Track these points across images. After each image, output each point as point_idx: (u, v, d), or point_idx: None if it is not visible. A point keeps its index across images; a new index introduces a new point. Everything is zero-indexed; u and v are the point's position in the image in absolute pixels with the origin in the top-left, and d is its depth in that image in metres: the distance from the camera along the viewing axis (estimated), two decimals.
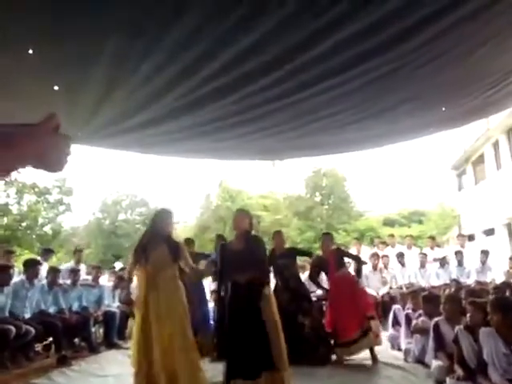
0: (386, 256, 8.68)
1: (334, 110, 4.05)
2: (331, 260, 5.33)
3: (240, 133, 4.43)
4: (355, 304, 5.06)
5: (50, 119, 0.76)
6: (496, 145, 13.23)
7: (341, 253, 5.57)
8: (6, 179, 18.25)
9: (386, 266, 8.51)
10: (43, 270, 6.26)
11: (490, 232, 13.62)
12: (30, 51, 2.70)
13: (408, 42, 2.86)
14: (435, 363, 3.98)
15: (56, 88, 3.22)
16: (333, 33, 2.67)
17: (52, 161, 0.75)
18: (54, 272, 6.12)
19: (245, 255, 3.59)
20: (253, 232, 3.93)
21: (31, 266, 5.77)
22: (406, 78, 3.49)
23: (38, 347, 5.77)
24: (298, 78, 3.23)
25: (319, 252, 6.24)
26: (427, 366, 4.29)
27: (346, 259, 5.75)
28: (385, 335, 6.03)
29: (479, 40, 3.05)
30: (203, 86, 3.23)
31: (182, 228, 32.65)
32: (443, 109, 4.51)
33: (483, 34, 2.97)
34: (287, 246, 6.03)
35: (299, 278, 5.58)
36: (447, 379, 3.52)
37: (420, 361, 4.61)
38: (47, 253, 7.48)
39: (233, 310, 3.62)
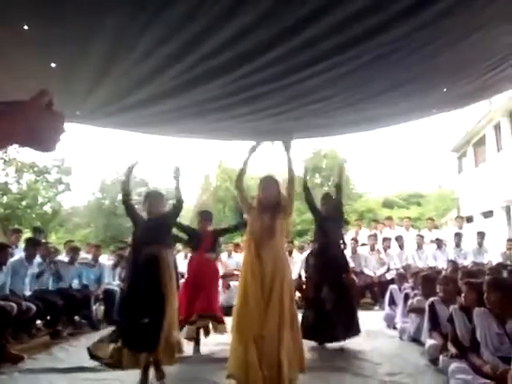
0: (388, 239, 8.73)
1: (331, 92, 3.99)
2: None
3: (236, 113, 4.37)
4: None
5: (42, 95, 0.73)
6: (497, 127, 13.18)
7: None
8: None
9: (385, 249, 8.58)
10: None
11: (488, 214, 13.68)
12: (26, 27, 2.65)
13: (405, 24, 2.80)
14: (429, 342, 4.05)
15: (53, 65, 3.17)
16: (327, 15, 2.62)
17: (44, 138, 0.72)
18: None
19: None
20: None
21: (32, 246, 5.84)
22: (403, 60, 3.43)
23: (40, 324, 5.86)
24: (293, 59, 3.17)
25: None
26: (422, 344, 4.36)
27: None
28: (381, 315, 6.14)
29: (476, 24, 2.99)
30: (200, 65, 3.18)
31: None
32: (444, 89, 4.45)
33: (480, 18, 2.92)
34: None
35: None
36: (440, 357, 3.58)
37: (415, 339, 4.69)
38: (38, 232, 7.56)
39: None
